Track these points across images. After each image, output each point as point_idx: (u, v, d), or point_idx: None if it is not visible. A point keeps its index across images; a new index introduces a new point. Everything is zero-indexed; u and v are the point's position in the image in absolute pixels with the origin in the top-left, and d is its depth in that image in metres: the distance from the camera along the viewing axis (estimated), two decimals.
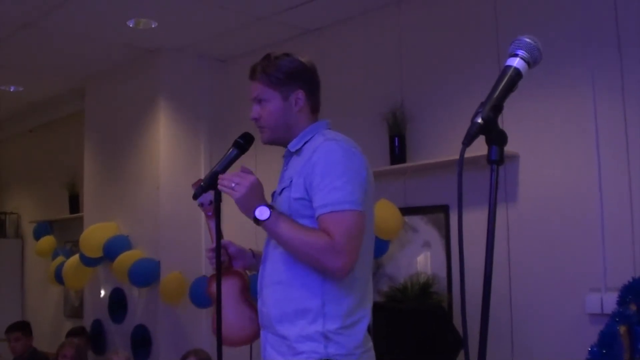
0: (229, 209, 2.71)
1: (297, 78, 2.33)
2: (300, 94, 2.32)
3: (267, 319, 2.26)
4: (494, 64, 3.88)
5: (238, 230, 3.77)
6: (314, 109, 2.38)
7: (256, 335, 2.48)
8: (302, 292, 2.17)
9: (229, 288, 2.51)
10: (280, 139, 2.38)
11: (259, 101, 2.36)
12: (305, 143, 2.30)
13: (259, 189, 2.21)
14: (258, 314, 2.35)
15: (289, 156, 2.37)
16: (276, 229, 2.15)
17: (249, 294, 2.59)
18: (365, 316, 2.23)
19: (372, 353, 2.26)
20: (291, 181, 2.23)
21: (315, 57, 2.46)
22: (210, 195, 2.60)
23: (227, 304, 2.49)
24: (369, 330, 2.26)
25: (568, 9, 3.68)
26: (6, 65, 5.96)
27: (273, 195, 2.37)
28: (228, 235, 2.69)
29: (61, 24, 4.91)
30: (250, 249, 2.57)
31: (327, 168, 2.14)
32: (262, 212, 2.15)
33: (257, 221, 2.17)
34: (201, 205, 2.58)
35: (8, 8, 4.60)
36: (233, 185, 2.19)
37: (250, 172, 2.26)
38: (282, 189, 2.28)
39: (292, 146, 2.33)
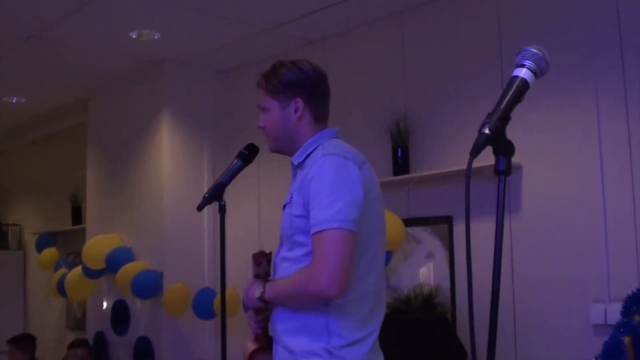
0: (233, 221, 2.71)
1: (295, 87, 2.31)
2: (299, 103, 2.31)
3: (276, 332, 2.26)
4: (497, 73, 3.89)
5: (242, 242, 3.76)
6: (318, 118, 2.35)
7: None
8: (304, 310, 2.17)
9: None
10: (284, 147, 2.38)
11: (263, 109, 2.37)
12: (308, 155, 2.29)
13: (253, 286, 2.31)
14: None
15: (294, 168, 2.35)
16: (274, 295, 2.23)
17: None
18: (374, 331, 2.21)
19: None
20: (291, 198, 2.23)
21: None
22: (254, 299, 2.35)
23: None
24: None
25: (571, 19, 3.69)
26: (10, 77, 5.97)
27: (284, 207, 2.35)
28: (232, 248, 2.65)
29: (64, 36, 4.93)
30: None
31: (319, 185, 2.12)
32: (256, 290, 2.27)
33: (260, 300, 2.26)
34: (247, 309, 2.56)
35: (12, 20, 4.62)
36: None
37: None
38: (285, 205, 2.27)
39: (295, 159, 2.33)
